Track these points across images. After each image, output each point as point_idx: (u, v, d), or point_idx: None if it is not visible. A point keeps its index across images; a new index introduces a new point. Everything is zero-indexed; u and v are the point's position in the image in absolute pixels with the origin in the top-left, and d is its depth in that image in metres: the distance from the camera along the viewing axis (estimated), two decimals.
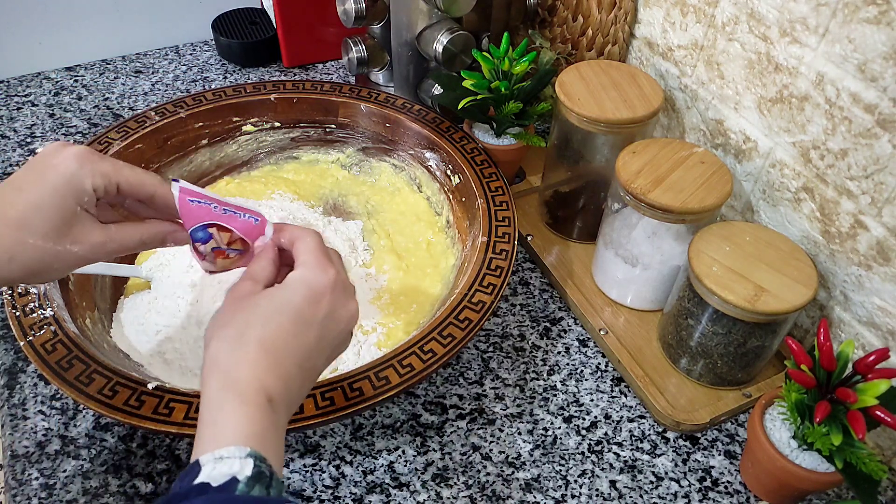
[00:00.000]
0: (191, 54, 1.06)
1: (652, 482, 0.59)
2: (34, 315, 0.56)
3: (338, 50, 0.92)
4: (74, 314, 0.59)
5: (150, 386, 0.52)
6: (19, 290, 0.58)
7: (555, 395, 0.65)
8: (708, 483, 0.59)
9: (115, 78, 1.00)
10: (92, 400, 0.51)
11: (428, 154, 0.77)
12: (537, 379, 0.66)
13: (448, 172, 0.74)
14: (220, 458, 0.34)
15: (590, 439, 0.62)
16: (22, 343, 0.54)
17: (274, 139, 0.81)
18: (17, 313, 0.56)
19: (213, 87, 0.99)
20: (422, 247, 0.74)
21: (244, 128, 0.79)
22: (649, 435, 0.62)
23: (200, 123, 0.77)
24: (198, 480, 0.33)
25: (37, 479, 0.57)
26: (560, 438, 0.62)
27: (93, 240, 0.42)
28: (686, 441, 0.62)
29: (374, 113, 0.79)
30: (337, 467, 0.59)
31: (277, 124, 0.80)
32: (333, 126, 0.81)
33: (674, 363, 0.66)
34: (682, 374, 0.65)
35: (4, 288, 0.58)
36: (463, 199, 0.72)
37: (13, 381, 0.63)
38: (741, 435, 0.63)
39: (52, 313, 0.56)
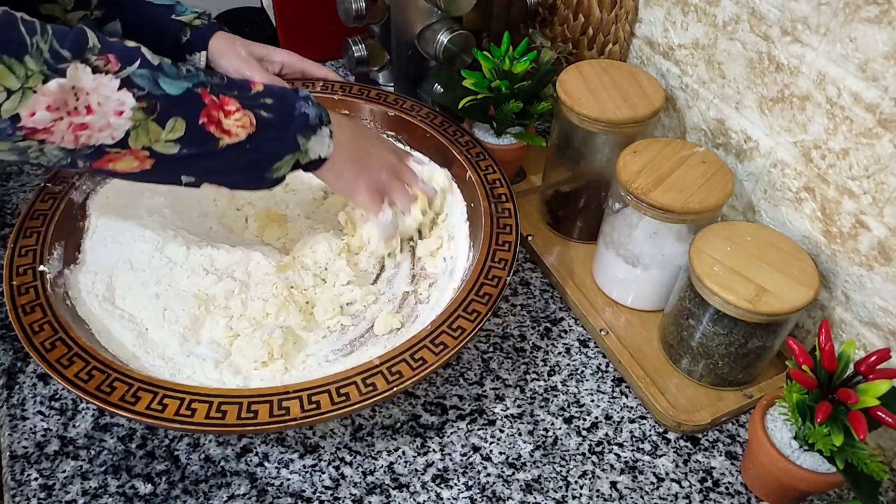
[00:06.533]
0: None
1: (653, 483, 0.59)
2: (35, 314, 0.56)
3: (337, 49, 0.92)
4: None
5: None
6: (20, 290, 0.58)
7: (555, 396, 0.65)
8: (709, 484, 0.59)
9: None
10: (92, 397, 0.51)
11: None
12: (538, 379, 0.66)
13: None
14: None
15: (590, 440, 0.62)
16: (24, 343, 0.54)
17: None
18: (18, 312, 0.56)
19: None
20: None
21: None
22: (650, 436, 0.62)
23: None
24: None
25: (36, 479, 0.57)
26: (561, 439, 0.62)
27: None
28: (687, 442, 0.62)
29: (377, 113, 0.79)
30: (336, 468, 0.59)
31: None
32: None
33: (675, 363, 0.66)
34: (683, 374, 0.65)
35: (4, 287, 0.58)
36: (472, 204, 0.71)
37: (12, 382, 0.63)
38: (742, 436, 0.63)
39: (52, 313, 0.56)
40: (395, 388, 0.53)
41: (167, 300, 0.64)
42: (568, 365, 0.67)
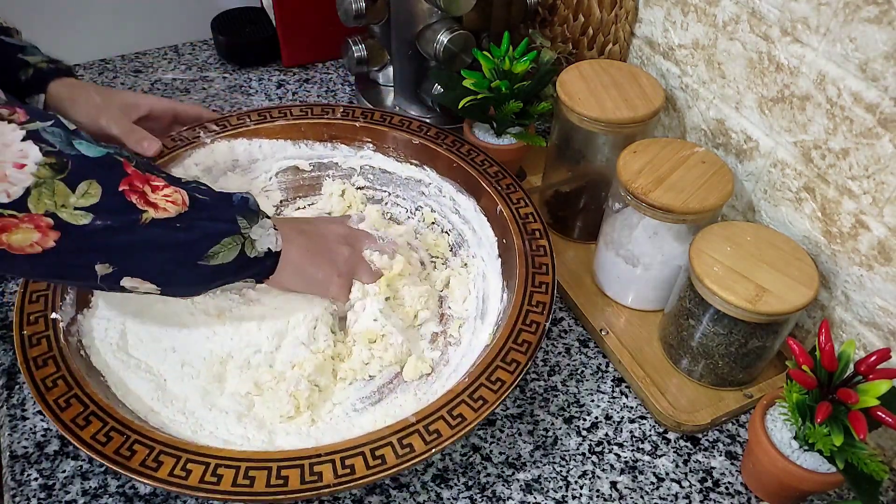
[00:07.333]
0: (190, 53, 1.06)
1: (653, 483, 0.59)
2: (48, 367, 0.54)
3: (337, 49, 0.92)
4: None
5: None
6: (32, 340, 0.56)
7: (555, 396, 0.65)
8: (709, 484, 0.59)
9: (114, 77, 1.00)
10: (112, 462, 0.49)
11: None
12: (538, 379, 0.66)
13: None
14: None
15: (590, 440, 0.62)
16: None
17: None
18: (30, 366, 0.54)
19: (212, 86, 0.99)
20: None
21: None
22: (650, 436, 0.62)
23: None
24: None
25: (36, 479, 0.57)
26: (560, 439, 0.62)
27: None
28: (687, 442, 0.62)
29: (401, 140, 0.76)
30: None
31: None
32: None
33: (675, 364, 0.66)
34: (683, 374, 0.65)
35: (15, 337, 0.56)
36: (503, 240, 0.68)
37: (12, 382, 0.63)
38: (742, 436, 0.63)
39: (66, 367, 0.54)
40: (433, 450, 0.50)
41: (185, 354, 0.61)
42: (568, 365, 0.67)
